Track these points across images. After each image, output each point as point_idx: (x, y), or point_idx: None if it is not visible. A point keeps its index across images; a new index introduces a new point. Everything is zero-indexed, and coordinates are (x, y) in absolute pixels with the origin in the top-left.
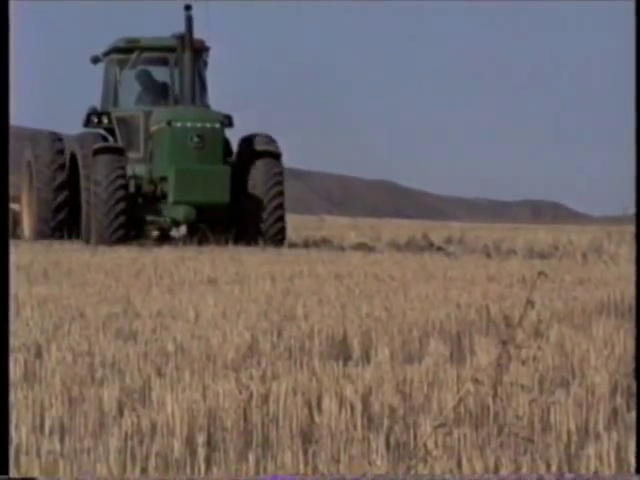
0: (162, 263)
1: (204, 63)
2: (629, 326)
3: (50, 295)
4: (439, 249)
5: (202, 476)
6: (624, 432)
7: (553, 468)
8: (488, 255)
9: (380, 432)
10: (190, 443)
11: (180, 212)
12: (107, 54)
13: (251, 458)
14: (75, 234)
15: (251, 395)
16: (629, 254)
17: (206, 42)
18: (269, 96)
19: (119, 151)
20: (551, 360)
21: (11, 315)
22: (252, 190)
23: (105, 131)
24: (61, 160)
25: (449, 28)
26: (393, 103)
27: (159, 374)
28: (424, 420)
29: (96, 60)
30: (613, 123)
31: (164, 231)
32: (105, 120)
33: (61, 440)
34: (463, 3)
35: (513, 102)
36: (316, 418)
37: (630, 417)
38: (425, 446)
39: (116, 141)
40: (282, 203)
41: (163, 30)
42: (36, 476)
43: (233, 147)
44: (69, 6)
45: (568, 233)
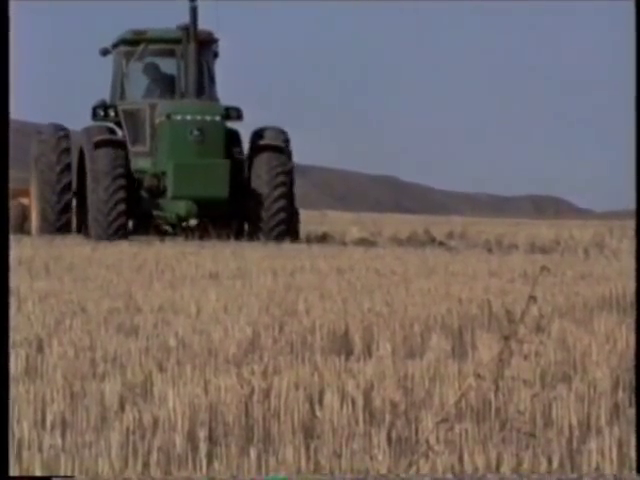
0: (163, 258)
1: (213, 55)
2: (631, 321)
3: (51, 290)
4: (441, 244)
5: (204, 471)
6: (626, 427)
7: (555, 463)
8: (490, 250)
9: (382, 427)
10: (192, 438)
11: (182, 207)
12: (115, 46)
13: (253, 453)
14: (83, 228)
15: (253, 390)
16: (630, 249)
17: (214, 34)
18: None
19: (120, 144)
20: (553, 355)
21: (12, 310)
22: (254, 184)
23: (114, 124)
24: (66, 152)
25: (449, 28)
26: (396, 100)
27: (161, 369)
28: (426, 415)
29: (105, 52)
30: (614, 119)
31: (174, 227)
32: (112, 113)
33: (62, 435)
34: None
35: (515, 97)
36: (318, 413)
37: (632, 412)
38: (427, 441)
39: (123, 134)
40: (283, 195)
41: (173, 23)
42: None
43: (245, 141)
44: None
45: (570, 228)
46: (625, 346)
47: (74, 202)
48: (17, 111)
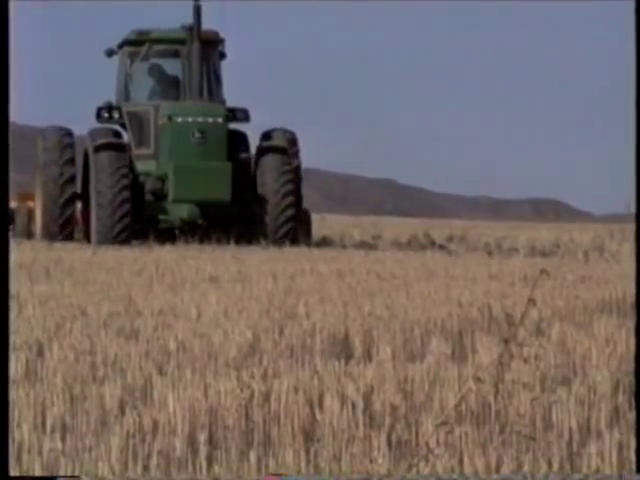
0: (164, 262)
1: (219, 55)
2: (631, 324)
3: (52, 293)
4: (441, 247)
5: (204, 474)
6: (626, 430)
7: (555, 466)
8: (490, 253)
9: (382, 430)
10: (192, 441)
11: (184, 210)
12: (120, 47)
13: (253, 456)
14: (86, 233)
15: (253, 393)
16: (631, 252)
17: (220, 34)
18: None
19: (122, 147)
20: (553, 358)
21: (13, 313)
22: (260, 185)
23: (119, 126)
24: (70, 163)
25: (448, 27)
26: (395, 102)
27: (161, 372)
28: (426, 418)
29: (111, 53)
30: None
31: (181, 229)
32: (116, 115)
33: (62, 438)
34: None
35: (515, 100)
36: (318, 416)
37: (632, 416)
38: (427, 444)
39: (128, 137)
40: (288, 192)
41: (179, 24)
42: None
43: (253, 142)
44: None
45: (570, 231)
46: (625, 349)
47: (79, 206)
48: (21, 114)
